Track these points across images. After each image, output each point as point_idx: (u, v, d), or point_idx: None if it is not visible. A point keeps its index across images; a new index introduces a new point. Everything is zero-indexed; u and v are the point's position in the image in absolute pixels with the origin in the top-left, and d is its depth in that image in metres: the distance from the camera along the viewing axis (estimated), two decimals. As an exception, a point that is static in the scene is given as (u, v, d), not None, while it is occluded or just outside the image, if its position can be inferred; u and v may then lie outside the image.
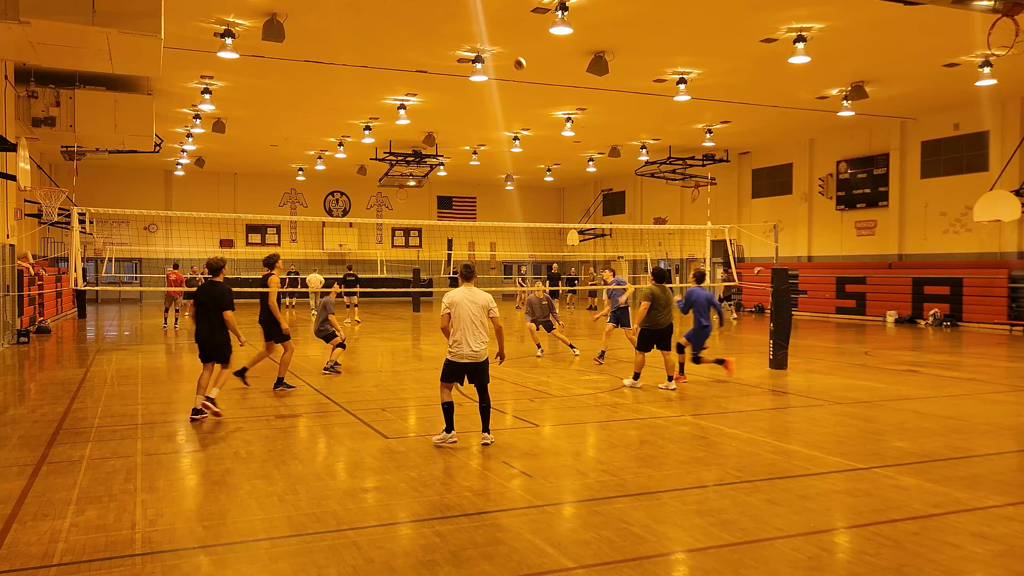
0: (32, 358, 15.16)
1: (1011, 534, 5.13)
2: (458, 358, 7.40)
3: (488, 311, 7.47)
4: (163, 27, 11.77)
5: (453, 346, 7.41)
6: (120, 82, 18.63)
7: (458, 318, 7.38)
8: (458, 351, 7.38)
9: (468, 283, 7.61)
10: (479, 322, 7.42)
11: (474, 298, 7.46)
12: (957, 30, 15.28)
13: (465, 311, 7.38)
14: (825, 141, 28.14)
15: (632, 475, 6.56)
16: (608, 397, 10.49)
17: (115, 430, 8.36)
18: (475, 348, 7.39)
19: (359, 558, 4.68)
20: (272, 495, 5.96)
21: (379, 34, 15.76)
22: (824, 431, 8.35)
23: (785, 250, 29.15)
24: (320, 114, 23.87)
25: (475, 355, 7.39)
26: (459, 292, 7.50)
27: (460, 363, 7.42)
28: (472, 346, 7.37)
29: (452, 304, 7.41)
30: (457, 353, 7.39)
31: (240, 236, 37.95)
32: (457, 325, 7.38)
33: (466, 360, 7.39)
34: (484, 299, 7.48)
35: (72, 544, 4.91)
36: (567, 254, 38.65)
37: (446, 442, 7.50)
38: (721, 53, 17.07)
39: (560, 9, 12.98)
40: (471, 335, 7.37)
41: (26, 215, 21.26)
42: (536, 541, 4.98)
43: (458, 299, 7.43)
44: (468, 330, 7.37)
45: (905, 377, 12.54)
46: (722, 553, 4.78)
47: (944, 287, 23.35)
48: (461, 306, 7.39)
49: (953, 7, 10.29)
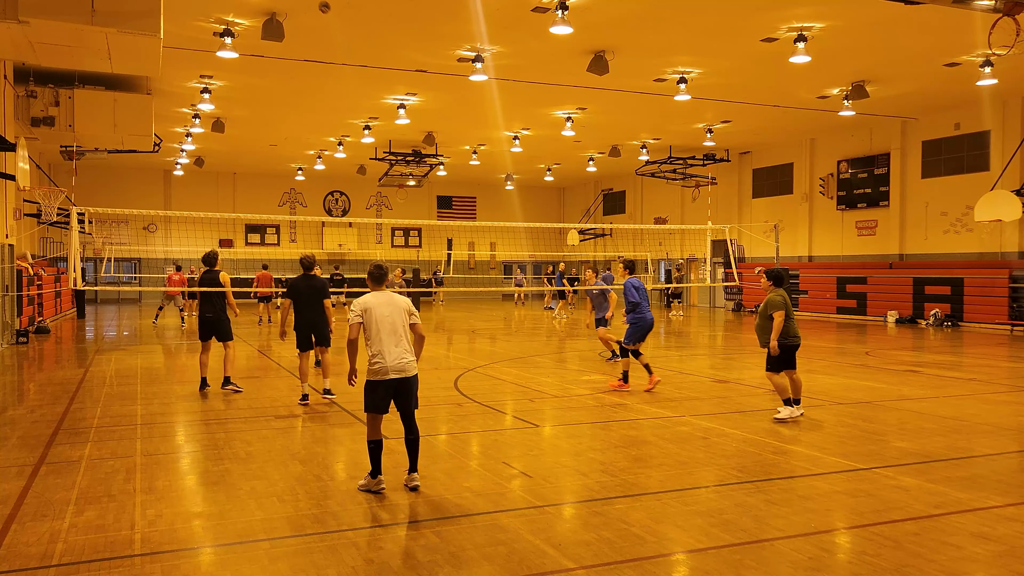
0: (31, 358, 15.15)
1: (1012, 534, 5.11)
2: (380, 375, 6.07)
3: (410, 316, 6.28)
4: (162, 26, 11.77)
5: (373, 360, 6.08)
6: (119, 82, 18.62)
7: (374, 326, 6.10)
8: (380, 365, 6.06)
9: (379, 287, 6.40)
10: (400, 330, 6.16)
11: (391, 301, 6.25)
12: (958, 30, 15.27)
13: (382, 317, 6.13)
14: (826, 141, 28.13)
15: (632, 475, 6.54)
16: (608, 397, 10.47)
17: (114, 430, 8.35)
18: (401, 359, 6.09)
19: (359, 558, 4.67)
20: (272, 495, 5.94)
21: (379, 34, 15.75)
22: (825, 431, 8.33)
23: (785, 250, 29.14)
24: (320, 114, 23.86)
25: (401, 368, 6.08)
26: (372, 296, 6.25)
27: (384, 380, 6.09)
28: (396, 358, 6.08)
29: (365, 310, 6.14)
30: (378, 368, 6.07)
31: (239, 236, 37.94)
32: (374, 335, 6.09)
33: (392, 376, 6.07)
34: (404, 303, 6.29)
35: (71, 544, 4.90)
36: (567, 254, 38.64)
37: (374, 488, 6.09)
38: (722, 52, 17.06)
39: (560, 8, 12.97)
40: (392, 344, 6.09)
41: (25, 215, 21.25)
42: (536, 542, 4.97)
43: (373, 304, 6.17)
44: (388, 339, 6.09)
45: (906, 377, 12.52)
46: (722, 554, 4.77)
47: (945, 287, 23.34)
48: (376, 311, 6.14)
49: (954, 7, 10.28)
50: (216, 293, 10.80)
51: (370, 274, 6.48)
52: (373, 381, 6.13)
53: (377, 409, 6.18)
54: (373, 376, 6.12)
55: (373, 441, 6.17)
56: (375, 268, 6.48)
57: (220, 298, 10.85)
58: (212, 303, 10.85)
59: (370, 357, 6.11)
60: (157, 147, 23.65)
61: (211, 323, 10.91)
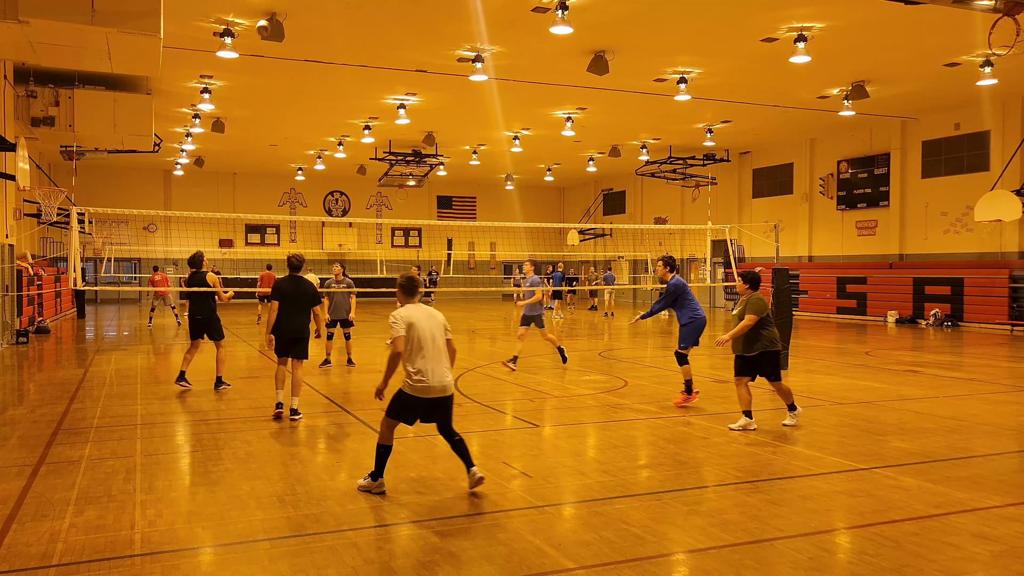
0: (31, 358, 15.15)
1: (1012, 534, 5.11)
2: (423, 392, 5.87)
3: (446, 331, 6.13)
4: (162, 26, 11.77)
5: (415, 378, 5.86)
6: (119, 82, 18.62)
7: (418, 342, 5.90)
8: (423, 384, 5.86)
9: (413, 299, 6.19)
10: (442, 346, 6.02)
11: (432, 315, 6.07)
12: (958, 30, 15.26)
13: (426, 333, 5.94)
14: (826, 141, 28.13)
15: (632, 475, 6.55)
16: (608, 397, 10.47)
17: (114, 430, 8.35)
18: (446, 380, 5.96)
19: (359, 559, 4.67)
20: (271, 495, 5.94)
21: (378, 33, 15.75)
22: (825, 431, 8.33)
23: (786, 250, 29.13)
24: (319, 114, 23.86)
25: (444, 387, 5.94)
26: (415, 310, 6.03)
27: (424, 399, 5.90)
28: (439, 377, 5.92)
29: (409, 325, 5.92)
30: (422, 387, 5.86)
31: (239, 236, 37.94)
32: (420, 351, 5.89)
33: (434, 395, 5.91)
34: (441, 317, 6.14)
35: (71, 544, 4.90)
36: (567, 254, 38.64)
37: (374, 490, 6.00)
38: (722, 52, 17.06)
39: (560, 8, 12.97)
40: (437, 362, 5.93)
41: (25, 215, 21.24)
42: (536, 542, 4.96)
43: (417, 317, 5.97)
44: (432, 357, 5.92)
45: (906, 377, 12.52)
46: (723, 554, 4.77)
47: (945, 287, 23.33)
48: (420, 327, 5.94)
49: (954, 7, 10.28)
50: (205, 294, 10.86)
51: (403, 287, 6.21)
52: (412, 397, 5.91)
53: (404, 420, 6.04)
54: (413, 392, 5.90)
55: (385, 446, 6.02)
56: (408, 280, 6.22)
57: (209, 299, 10.92)
58: (200, 304, 10.92)
59: (411, 373, 5.90)
60: (157, 147, 23.65)
61: (201, 324, 10.97)
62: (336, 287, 13.70)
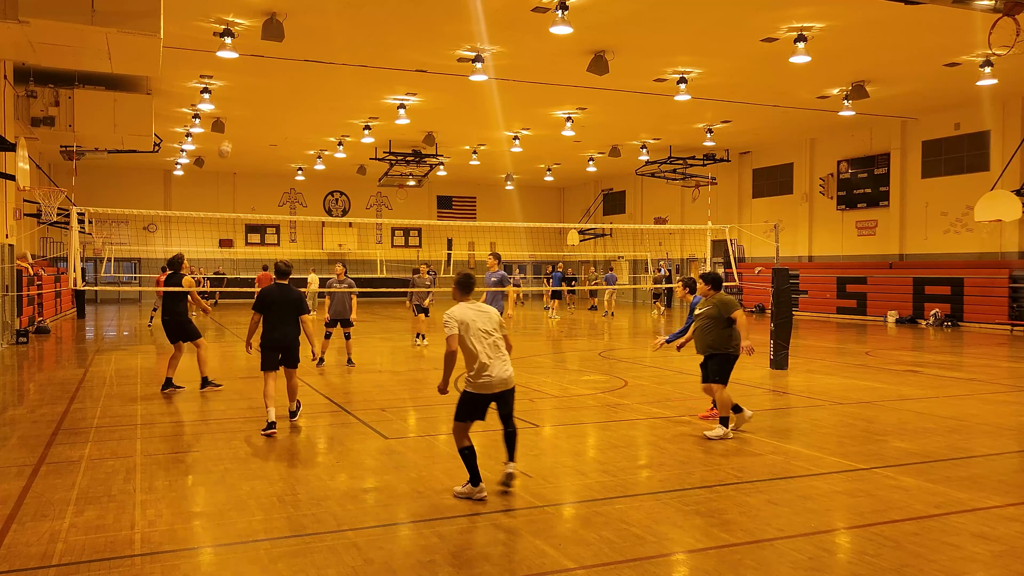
0: (31, 358, 15.15)
1: (1012, 534, 5.11)
2: (487, 388, 5.94)
3: (501, 327, 6.18)
4: (162, 26, 11.77)
5: (477, 374, 5.94)
6: (119, 81, 18.61)
7: (475, 340, 5.96)
8: (486, 379, 5.93)
9: (468, 297, 6.21)
10: (499, 341, 6.08)
11: (486, 312, 6.13)
12: (958, 30, 15.26)
13: (481, 331, 6.00)
14: (826, 141, 28.13)
15: (632, 475, 6.55)
16: (608, 397, 10.47)
17: (114, 430, 8.35)
18: (507, 373, 6.02)
19: (358, 559, 4.67)
20: (271, 495, 5.94)
21: (378, 33, 15.75)
22: (825, 431, 8.33)
23: (786, 250, 29.13)
24: (319, 114, 23.86)
25: (506, 380, 6.01)
26: (467, 308, 6.07)
27: (487, 395, 5.99)
28: (501, 371, 5.99)
29: (462, 323, 5.97)
30: (484, 383, 5.93)
31: (239, 236, 37.94)
32: (478, 349, 5.95)
33: (497, 389, 5.98)
34: (495, 313, 6.19)
35: (71, 544, 4.90)
36: (567, 254, 38.64)
37: (475, 496, 5.87)
38: (722, 52, 17.06)
39: (560, 8, 12.97)
40: (496, 358, 6.01)
41: (25, 215, 21.24)
42: (536, 542, 4.96)
43: (470, 316, 6.01)
44: (492, 353, 6.00)
45: (906, 377, 12.52)
46: (722, 554, 4.77)
47: (945, 287, 23.33)
48: (475, 325, 5.99)
49: (954, 7, 10.29)
50: (176, 297, 10.81)
51: (460, 284, 6.21)
52: (476, 394, 5.98)
53: (473, 418, 6.03)
54: (477, 389, 5.96)
55: (465, 449, 5.95)
56: (466, 277, 6.22)
57: (180, 302, 10.84)
58: (169, 306, 10.87)
59: (474, 371, 5.96)
60: (157, 147, 23.64)
61: (172, 326, 10.90)
62: (338, 287, 13.71)
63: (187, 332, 10.90)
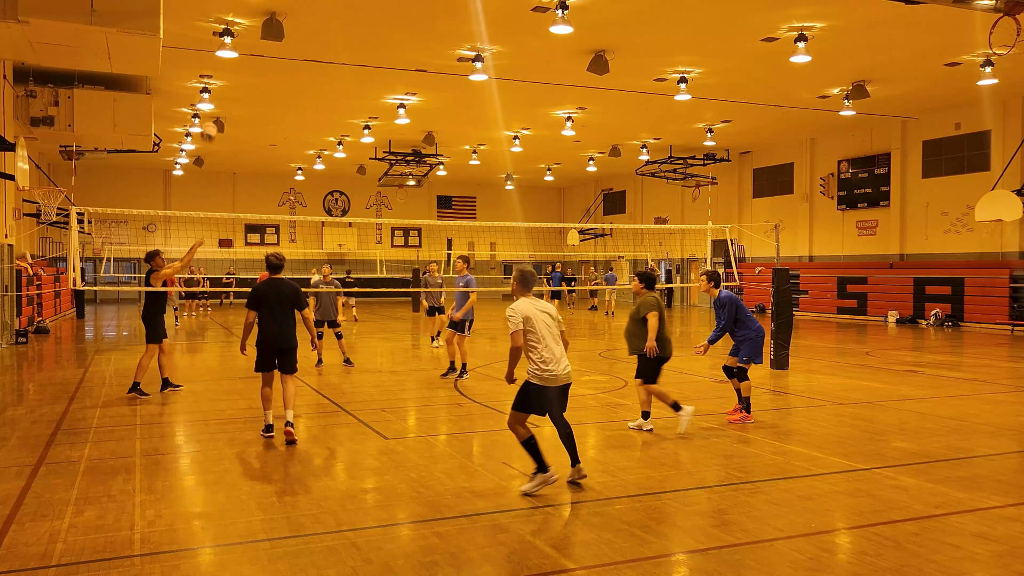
0: (31, 358, 15.14)
1: (1012, 535, 5.11)
2: (554, 381, 6.05)
3: (559, 322, 6.28)
4: (162, 26, 11.75)
5: (544, 368, 6.03)
6: (119, 81, 18.61)
7: (539, 334, 6.06)
8: (553, 373, 6.03)
9: (528, 293, 6.29)
10: (559, 336, 6.22)
11: (543, 308, 6.24)
12: (958, 29, 15.26)
13: (544, 325, 6.11)
14: (826, 140, 28.12)
15: (632, 476, 6.54)
16: (608, 397, 10.47)
17: (114, 430, 8.34)
18: (567, 366, 6.17)
19: (358, 559, 4.67)
20: (271, 495, 5.94)
21: (378, 33, 15.74)
22: (825, 431, 8.33)
23: (786, 250, 29.13)
24: (319, 113, 23.85)
25: (568, 374, 6.17)
26: (529, 304, 6.16)
27: (555, 387, 6.08)
28: (564, 365, 6.13)
29: (526, 318, 6.06)
30: (551, 376, 6.04)
31: (239, 236, 37.93)
32: (543, 342, 6.05)
33: (562, 383, 6.10)
34: (553, 309, 6.30)
35: (71, 545, 4.89)
36: (567, 254, 38.63)
37: (549, 481, 6.05)
38: (722, 52, 17.05)
39: (560, 8, 12.96)
40: (559, 352, 6.15)
41: (24, 215, 21.24)
42: (536, 542, 4.96)
43: (532, 311, 6.11)
44: (555, 347, 6.12)
45: (906, 377, 12.52)
46: (723, 554, 4.76)
47: (945, 287, 23.33)
48: (537, 320, 6.09)
49: (954, 6, 10.27)
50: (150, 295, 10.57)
51: (523, 280, 6.29)
52: (542, 387, 6.07)
53: (534, 412, 6.17)
54: (544, 383, 6.06)
55: (527, 440, 6.11)
56: (527, 273, 6.31)
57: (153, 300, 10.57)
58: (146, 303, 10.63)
59: (538, 364, 6.06)
60: (157, 147, 23.63)
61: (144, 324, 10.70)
62: (324, 288, 13.69)
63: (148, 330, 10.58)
